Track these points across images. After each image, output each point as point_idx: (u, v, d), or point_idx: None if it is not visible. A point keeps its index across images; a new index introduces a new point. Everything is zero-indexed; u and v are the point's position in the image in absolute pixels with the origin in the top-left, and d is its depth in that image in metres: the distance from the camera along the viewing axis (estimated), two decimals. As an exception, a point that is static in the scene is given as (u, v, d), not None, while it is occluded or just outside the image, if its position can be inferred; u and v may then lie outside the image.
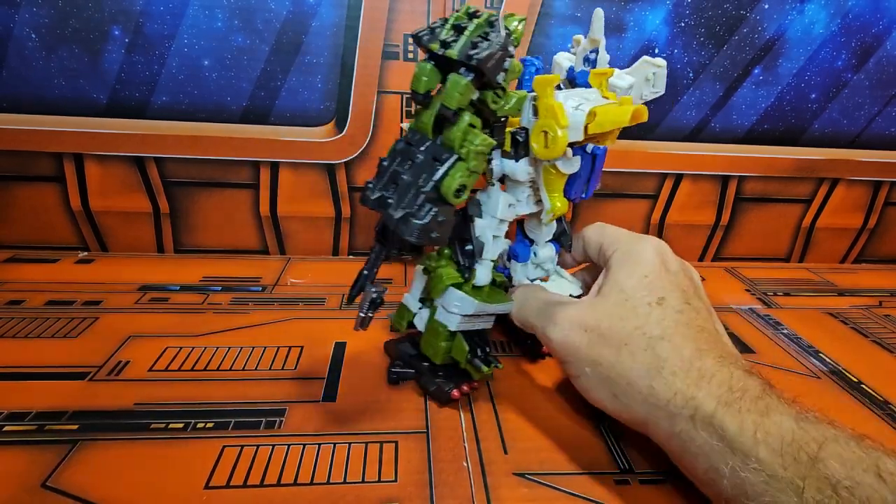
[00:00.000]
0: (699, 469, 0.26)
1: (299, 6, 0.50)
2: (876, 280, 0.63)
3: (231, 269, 0.55)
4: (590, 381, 0.30)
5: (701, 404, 0.25)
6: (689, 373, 0.27)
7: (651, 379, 0.27)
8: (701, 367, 0.27)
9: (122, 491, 0.27)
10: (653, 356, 0.28)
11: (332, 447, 0.31)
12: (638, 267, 0.32)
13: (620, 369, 0.29)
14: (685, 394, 0.26)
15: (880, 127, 0.61)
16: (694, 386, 0.26)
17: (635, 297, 0.30)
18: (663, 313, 0.29)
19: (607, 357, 0.29)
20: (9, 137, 0.51)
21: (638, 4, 0.53)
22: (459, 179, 0.29)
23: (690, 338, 0.28)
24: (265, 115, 0.53)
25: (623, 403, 0.29)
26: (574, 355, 0.31)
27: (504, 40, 0.29)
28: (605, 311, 0.30)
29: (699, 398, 0.26)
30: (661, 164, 0.60)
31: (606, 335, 0.29)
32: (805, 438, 0.23)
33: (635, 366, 0.28)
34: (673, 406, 0.26)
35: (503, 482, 0.29)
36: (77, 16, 0.48)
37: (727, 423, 0.24)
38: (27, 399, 0.34)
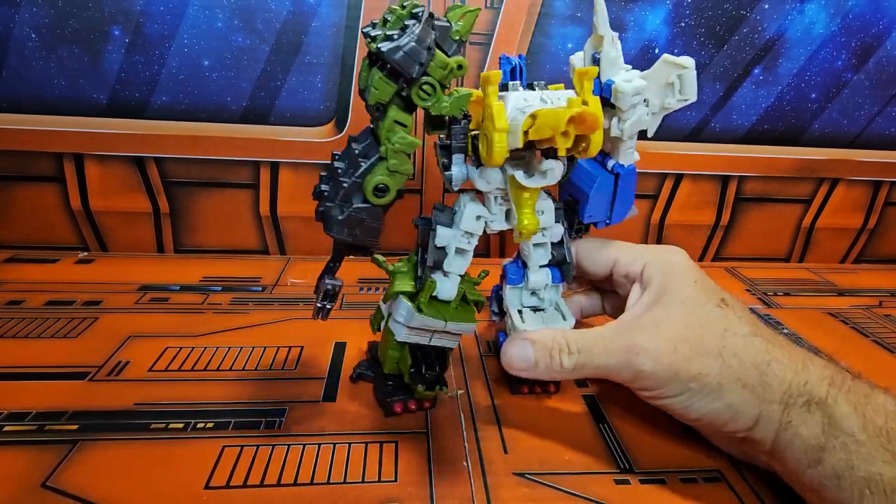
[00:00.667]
0: (805, 453, 0.26)
1: (299, 6, 0.50)
2: (876, 280, 0.63)
3: (231, 269, 0.55)
4: (694, 398, 0.28)
5: (814, 388, 0.26)
6: (793, 361, 0.27)
7: (762, 375, 0.27)
8: (799, 354, 0.28)
9: (122, 491, 0.27)
10: (756, 352, 0.28)
11: (332, 447, 0.31)
12: (683, 276, 0.31)
13: (729, 374, 0.27)
14: (797, 382, 0.27)
15: (880, 127, 0.61)
16: (803, 372, 0.27)
17: (701, 304, 0.30)
18: (736, 313, 0.29)
19: (711, 365, 0.28)
20: (9, 137, 0.51)
21: (638, 4, 0.53)
22: (378, 178, 0.28)
23: (771, 330, 0.29)
24: (265, 115, 0.53)
25: (735, 410, 0.28)
26: (673, 377, 0.28)
27: (421, 33, 0.27)
28: (683, 324, 0.29)
29: (811, 382, 0.26)
30: (661, 164, 0.60)
31: (700, 345, 0.28)
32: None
33: (743, 365, 0.27)
34: (788, 397, 0.27)
35: (503, 482, 0.29)
36: (77, 16, 0.48)
37: (840, 403, 0.25)
38: (27, 399, 0.34)
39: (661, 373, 0.28)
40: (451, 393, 0.37)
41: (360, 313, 0.47)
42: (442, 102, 0.29)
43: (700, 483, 0.30)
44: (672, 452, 0.32)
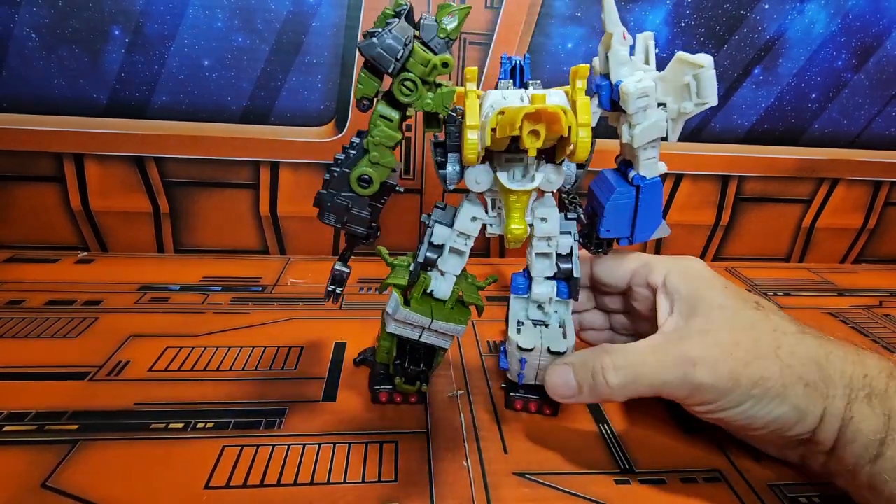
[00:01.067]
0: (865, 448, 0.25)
1: (299, 6, 0.50)
2: (876, 280, 0.63)
3: (231, 269, 0.55)
4: (759, 405, 0.27)
5: (873, 381, 0.26)
6: (848, 354, 0.27)
7: (822, 370, 0.26)
8: (849, 347, 0.28)
9: (122, 491, 0.27)
10: (810, 347, 0.27)
11: (332, 447, 0.31)
12: (711, 282, 0.31)
13: (791, 373, 0.26)
14: (857, 374, 0.26)
15: (880, 127, 0.61)
16: (860, 364, 0.27)
17: (739, 308, 0.29)
18: (777, 313, 0.29)
19: (771, 367, 0.26)
20: (9, 137, 0.51)
21: (638, 4, 0.53)
22: (361, 169, 0.30)
23: (812, 327, 0.29)
24: (265, 115, 0.53)
25: (800, 411, 0.26)
26: (735, 385, 0.27)
27: (397, 30, 0.27)
28: (729, 328, 0.28)
29: (871, 375, 0.26)
30: (661, 164, 0.59)
31: (754, 348, 0.27)
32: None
33: (803, 363, 0.27)
34: (850, 389, 0.26)
35: (503, 482, 0.29)
36: (77, 16, 0.48)
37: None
38: (27, 399, 0.34)
39: (721, 383, 0.27)
40: (452, 393, 0.37)
41: (360, 313, 0.47)
42: (425, 99, 0.29)
43: (700, 483, 0.30)
44: (672, 452, 0.32)
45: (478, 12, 0.52)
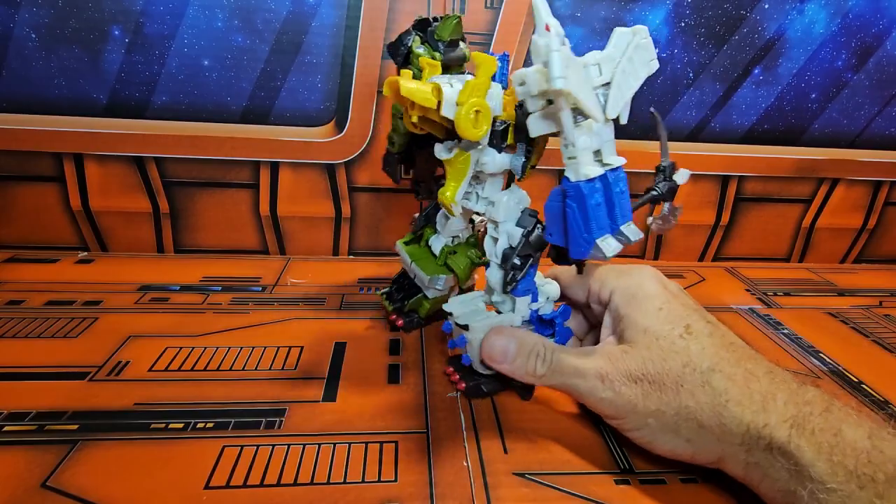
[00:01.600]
0: (779, 493, 0.26)
1: (299, 6, 0.50)
2: (876, 280, 0.63)
3: (231, 269, 0.55)
4: (655, 433, 0.29)
5: (773, 432, 0.25)
6: (753, 398, 0.26)
7: (719, 416, 0.27)
8: (760, 390, 0.27)
9: (122, 491, 0.27)
10: (712, 392, 0.27)
11: (332, 447, 0.31)
12: (648, 301, 0.31)
13: (687, 413, 0.27)
14: (756, 424, 0.26)
15: (880, 127, 0.61)
16: (762, 412, 0.26)
17: (664, 334, 0.29)
18: (700, 343, 0.29)
19: (669, 403, 0.28)
20: (9, 137, 0.51)
21: (638, 4, 0.53)
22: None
23: (734, 360, 0.28)
24: (265, 115, 0.53)
25: (697, 446, 0.28)
26: (632, 411, 0.29)
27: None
28: (645, 357, 0.29)
29: (771, 425, 0.25)
30: (661, 164, 0.59)
31: (658, 381, 0.28)
32: (882, 459, 0.23)
33: (700, 406, 0.27)
34: (748, 439, 0.26)
35: (503, 482, 0.29)
36: (77, 16, 0.48)
37: (803, 450, 0.24)
38: (27, 399, 0.34)
39: (619, 403, 0.29)
40: (452, 393, 0.37)
41: (360, 313, 0.47)
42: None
43: (700, 483, 0.30)
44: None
45: (478, 12, 0.52)
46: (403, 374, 0.39)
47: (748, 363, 0.28)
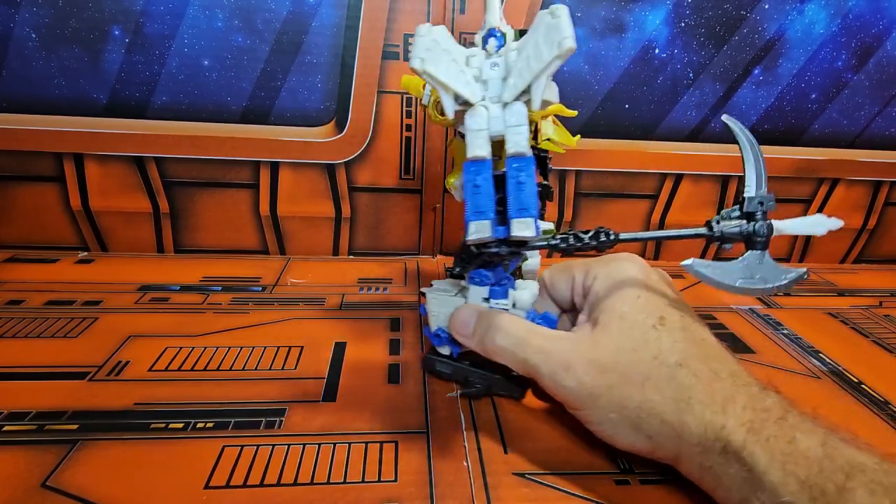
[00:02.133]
0: (733, 498, 0.25)
1: (299, 6, 0.50)
2: (876, 280, 0.63)
3: (231, 269, 0.55)
4: (616, 427, 0.28)
5: (730, 435, 0.25)
6: (714, 399, 0.26)
7: (681, 413, 0.26)
8: (722, 391, 0.26)
9: (122, 491, 0.27)
10: (677, 387, 0.27)
11: (332, 447, 0.31)
12: (628, 288, 0.30)
13: (650, 408, 0.27)
14: (714, 425, 0.25)
15: (880, 127, 0.61)
16: (721, 413, 0.25)
17: (638, 323, 0.29)
18: (672, 335, 0.28)
19: (634, 397, 0.27)
20: (9, 137, 0.51)
21: (638, 4, 0.53)
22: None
23: (702, 357, 0.28)
24: (265, 115, 0.53)
25: (656, 442, 0.27)
26: (595, 403, 0.28)
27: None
28: (616, 346, 0.28)
29: (728, 427, 0.25)
30: (661, 164, 0.60)
31: (626, 373, 0.28)
32: (832, 468, 0.22)
33: (664, 401, 0.27)
34: (705, 440, 0.25)
35: (503, 482, 0.29)
36: (77, 16, 0.48)
37: (757, 456, 0.24)
38: (27, 399, 0.34)
39: (582, 394, 0.28)
40: (452, 393, 0.37)
41: (360, 313, 0.47)
42: None
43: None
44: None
45: (478, 12, 0.52)
46: (403, 374, 0.39)
47: (714, 362, 0.28)
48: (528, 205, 0.27)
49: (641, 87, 0.56)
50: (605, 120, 0.56)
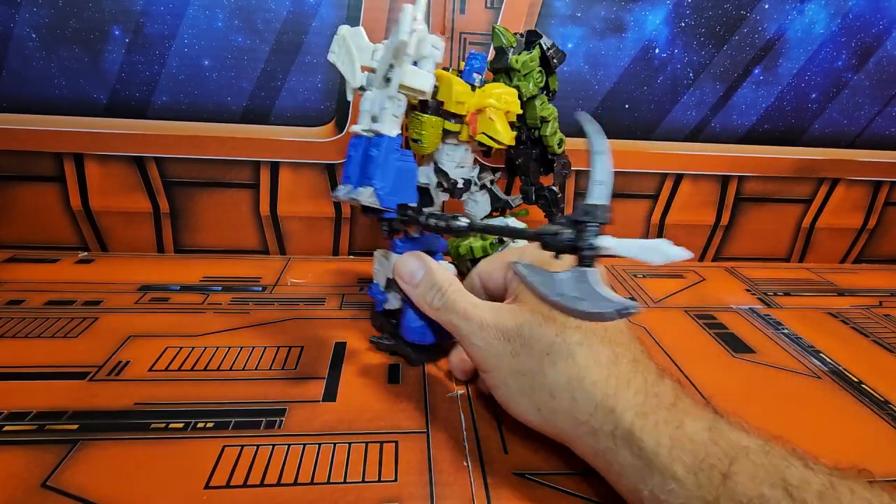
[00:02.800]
0: (624, 488, 0.25)
1: (299, 6, 0.50)
2: (876, 280, 0.63)
3: (231, 269, 0.55)
4: (511, 393, 0.29)
5: (620, 417, 0.25)
6: (609, 381, 0.26)
7: (573, 390, 0.26)
8: (618, 374, 0.26)
9: (122, 491, 0.27)
10: (573, 365, 0.27)
11: (332, 447, 0.31)
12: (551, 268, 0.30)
13: (543, 380, 0.27)
14: (605, 405, 0.25)
15: (880, 127, 0.61)
16: (613, 396, 0.25)
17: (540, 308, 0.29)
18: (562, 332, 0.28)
19: (530, 367, 0.28)
20: (9, 137, 0.51)
21: (638, 4, 0.53)
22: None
23: (607, 340, 0.28)
24: (265, 115, 0.53)
25: (546, 418, 0.28)
26: (496, 366, 0.29)
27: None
28: (525, 318, 0.29)
29: (618, 410, 0.25)
30: (661, 164, 0.60)
31: (528, 344, 0.28)
32: (717, 454, 0.22)
33: (558, 376, 0.27)
34: (595, 420, 0.26)
35: (503, 482, 0.29)
36: (77, 16, 0.48)
37: (645, 439, 0.24)
38: (27, 399, 0.34)
39: (488, 356, 0.30)
40: (451, 393, 0.37)
41: (360, 313, 0.47)
42: None
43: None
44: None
45: (478, 12, 0.52)
46: (403, 374, 0.39)
47: (618, 347, 0.28)
48: (371, 175, 0.32)
49: (641, 87, 0.56)
50: (605, 120, 0.56)
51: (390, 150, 0.33)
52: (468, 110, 0.37)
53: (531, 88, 0.41)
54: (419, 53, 0.32)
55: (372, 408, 0.35)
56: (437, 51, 0.33)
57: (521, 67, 0.40)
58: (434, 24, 0.52)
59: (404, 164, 0.34)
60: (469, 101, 0.37)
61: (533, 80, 0.41)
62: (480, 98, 0.38)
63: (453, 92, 0.37)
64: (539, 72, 0.41)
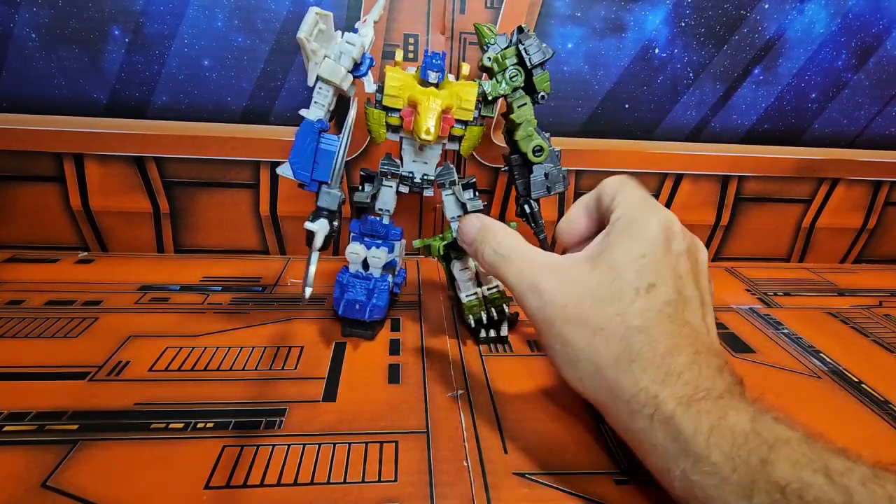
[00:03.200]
0: (653, 465, 0.26)
1: (299, 6, 0.50)
2: (876, 280, 0.63)
3: (231, 269, 0.55)
4: (558, 357, 0.29)
5: (662, 403, 0.25)
6: (659, 369, 0.25)
7: (619, 370, 0.26)
8: (671, 364, 0.25)
9: (122, 491, 0.27)
10: (626, 347, 0.26)
11: (332, 447, 0.31)
12: (636, 244, 0.29)
13: (589, 354, 0.27)
14: (649, 391, 0.25)
15: (880, 127, 0.61)
16: (660, 383, 0.25)
17: (624, 279, 0.28)
18: (649, 303, 0.27)
19: (579, 339, 0.28)
20: (9, 137, 0.51)
21: (638, 4, 0.53)
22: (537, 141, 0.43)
23: (670, 332, 0.27)
24: (265, 115, 0.53)
25: (588, 387, 0.28)
26: (548, 329, 0.29)
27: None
28: (589, 289, 0.28)
29: (661, 397, 0.25)
30: (661, 164, 0.60)
31: (584, 316, 0.28)
32: (757, 441, 0.22)
33: (606, 354, 0.27)
34: (635, 402, 0.25)
35: (503, 482, 0.29)
36: (77, 16, 0.48)
37: (684, 425, 0.24)
38: (27, 399, 0.34)
39: (539, 318, 0.29)
40: (452, 393, 0.37)
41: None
42: None
43: (700, 483, 0.30)
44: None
45: (478, 12, 0.52)
46: (403, 374, 0.39)
47: (682, 340, 0.26)
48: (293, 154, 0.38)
49: (641, 87, 0.56)
50: (605, 120, 0.56)
51: (307, 132, 0.37)
52: (402, 104, 0.38)
53: (503, 88, 0.39)
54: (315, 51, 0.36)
55: (372, 408, 0.35)
56: (352, 46, 0.37)
57: (491, 65, 0.39)
58: (434, 23, 0.52)
59: (323, 145, 0.38)
60: (402, 95, 0.38)
61: (505, 78, 0.39)
62: (416, 94, 0.38)
63: (386, 86, 0.38)
64: (515, 69, 0.39)
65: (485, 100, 0.40)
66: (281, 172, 0.38)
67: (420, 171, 0.41)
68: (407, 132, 0.39)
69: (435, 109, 0.37)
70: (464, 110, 0.39)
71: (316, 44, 0.35)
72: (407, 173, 0.41)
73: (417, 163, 0.41)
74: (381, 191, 0.42)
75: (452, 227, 0.42)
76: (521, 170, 0.43)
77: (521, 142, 0.41)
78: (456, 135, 0.40)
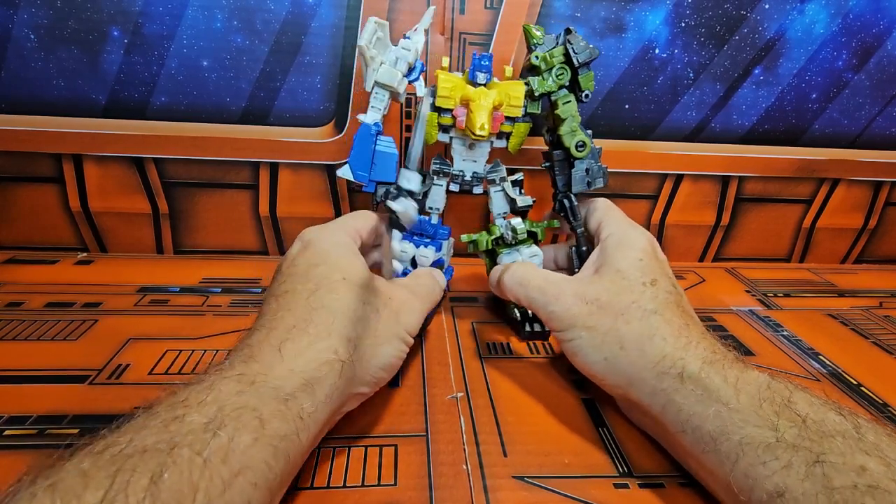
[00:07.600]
0: (682, 416, 0.28)
1: (299, 6, 0.50)
2: (876, 281, 0.63)
3: (231, 271, 0.55)
4: (581, 344, 0.33)
5: (688, 364, 0.29)
6: (679, 339, 0.30)
7: (642, 344, 0.30)
8: (688, 335, 0.30)
9: (123, 495, 0.27)
10: (646, 325, 0.31)
11: (331, 451, 0.31)
12: (632, 251, 0.35)
13: (614, 335, 0.31)
14: (673, 356, 0.29)
15: (880, 127, 0.61)
16: (682, 349, 0.29)
17: (630, 277, 0.33)
18: (656, 292, 0.33)
19: (603, 324, 0.32)
20: (8, 138, 0.51)
21: (638, 4, 0.53)
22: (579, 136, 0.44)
23: (679, 314, 0.32)
24: (265, 116, 0.53)
25: (611, 366, 0.31)
26: (572, 325, 0.33)
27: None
28: (604, 287, 0.33)
29: (686, 359, 0.29)
30: (661, 165, 0.59)
31: (605, 307, 0.32)
32: (778, 388, 0.27)
33: (628, 332, 0.31)
34: (661, 366, 0.29)
35: (503, 485, 0.29)
36: (76, 16, 0.48)
37: (712, 377, 0.28)
38: (27, 402, 0.34)
39: (565, 317, 0.34)
40: (451, 396, 0.37)
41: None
42: None
43: (698, 487, 0.30)
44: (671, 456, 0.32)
45: (478, 12, 0.52)
46: (403, 376, 0.39)
47: (690, 320, 0.32)
48: (352, 157, 0.40)
49: (641, 87, 0.56)
50: (605, 120, 0.56)
51: (365, 135, 0.40)
52: (454, 104, 0.40)
53: (549, 85, 0.41)
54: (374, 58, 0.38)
55: (371, 411, 0.35)
56: (408, 51, 0.39)
57: (539, 64, 0.41)
58: (434, 24, 0.52)
59: (383, 148, 0.40)
60: (454, 96, 0.39)
61: (553, 76, 0.41)
62: (468, 93, 0.39)
63: (439, 87, 0.39)
64: (562, 68, 0.41)
65: (531, 97, 0.41)
66: (341, 174, 0.40)
67: (470, 170, 0.43)
68: (459, 131, 0.41)
69: (487, 107, 0.38)
70: (513, 107, 0.41)
71: (374, 50, 0.37)
72: (457, 171, 0.43)
73: (467, 161, 0.43)
74: (432, 189, 0.43)
75: (498, 223, 0.44)
76: (562, 165, 0.44)
77: (564, 137, 0.42)
78: (504, 131, 0.42)
